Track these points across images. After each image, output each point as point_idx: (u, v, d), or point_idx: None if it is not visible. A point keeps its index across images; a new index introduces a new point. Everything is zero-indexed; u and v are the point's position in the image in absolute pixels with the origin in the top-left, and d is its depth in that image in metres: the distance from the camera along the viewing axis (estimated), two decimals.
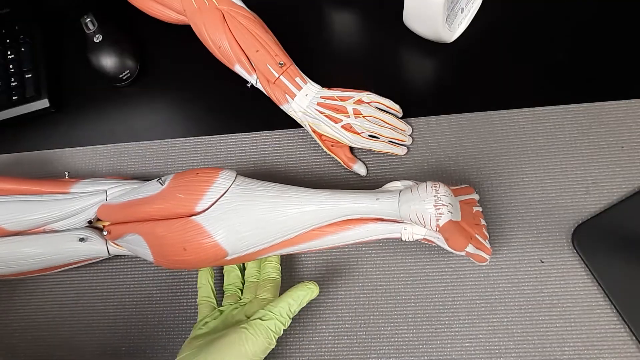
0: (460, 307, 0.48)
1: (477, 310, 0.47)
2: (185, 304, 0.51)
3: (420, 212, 0.41)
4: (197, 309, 0.51)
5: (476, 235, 0.43)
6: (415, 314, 0.48)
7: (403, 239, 0.44)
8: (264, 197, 0.45)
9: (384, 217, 0.44)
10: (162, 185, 0.46)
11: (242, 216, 0.44)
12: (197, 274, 0.52)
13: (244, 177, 0.47)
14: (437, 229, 0.41)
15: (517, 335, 0.46)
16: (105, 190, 0.49)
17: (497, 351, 0.46)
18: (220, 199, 0.45)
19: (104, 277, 0.53)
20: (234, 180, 0.46)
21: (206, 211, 0.44)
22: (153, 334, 0.51)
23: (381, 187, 0.47)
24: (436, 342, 0.47)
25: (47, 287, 0.54)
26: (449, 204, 0.41)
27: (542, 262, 0.48)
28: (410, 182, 0.46)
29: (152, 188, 0.47)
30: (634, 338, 0.44)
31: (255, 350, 0.41)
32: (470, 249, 0.43)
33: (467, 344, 0.47)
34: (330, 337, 0.49)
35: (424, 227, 0.42)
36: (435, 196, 0.41)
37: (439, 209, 0.41)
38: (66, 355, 0.52)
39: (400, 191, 0.43)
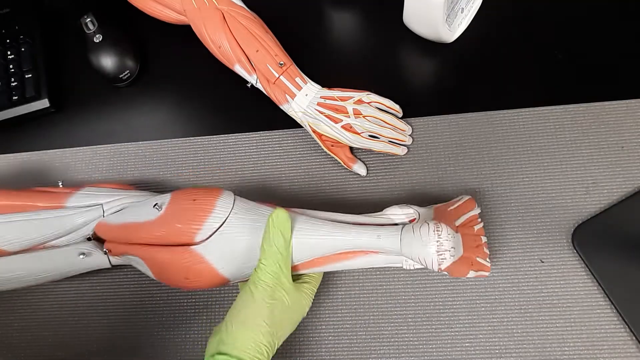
0: (460, 307, 0.48)
1: (477, 310, 0.47)
2: (185, 304, 0.51)
3: (423, 256, 0.41)
4: (196, 309, 0.51)
5: (477, 258, 0.43)
6: (415, 314, 0.48)
7: (404, 267, 0.45)
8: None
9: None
10: (158, 210, 0.45)
11: (243, 247, 0.44)
12: None
13: (243, 202, 0.46)
14: (439, 270, 0.41)
15: (517, 335, 0.46)
16: (102, 205, 0.48)
17: (497, 351, 0.46)
18: (219, 229, 0.44)
19: (104, 277, 0.53)
20: (232, 208, 0.45)
21: (206, 241, 0.44)
22: (153, 334, 0.51)
23: (381, 209, 0.47)
24: (436, 342, 0.47)
25: (48, 288, 0.54)
26: (452, 248, 0.41)
27: (542, 262, 0.48)
28: (410, 210, 0.46)
29: (148, 212, 0.46)
30: (634, 338, 0.44)
31: (261, 291, 0.42)
32: (471, 274, 0.43)
33: (467, 344, 0.47)
34: (330, 337, 0.49)
35: (426, 267, 0.42)
36: (437, 241, 0.41)
37: (441, 254, 0.40)
38: (66, 355, 0.51)
39: (402, 228, 0.43)
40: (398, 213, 0.46)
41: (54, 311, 0.53)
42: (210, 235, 0.44)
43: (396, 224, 0.45)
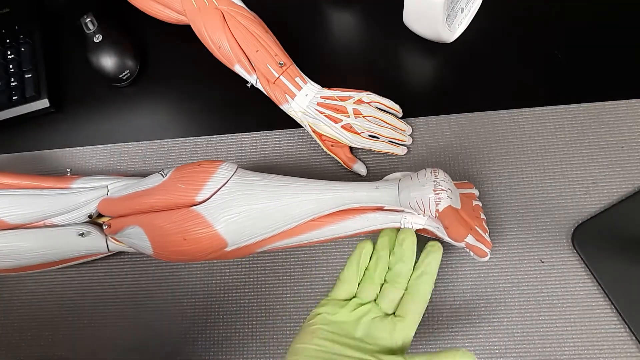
0: (460, 307, 0.48)
1: (477, 310, 0.47)
2: (185, 303, 0.51)
3: (420, 198, 0.41)
4: (196, 309, 0.51)
5: (476, 227, 0.44)
6: None
7: (402, 227, 0.45)
8: (265, 186, 0.45)
9: (384, 206, 0.44)
10: (163, 177, 0.47)
11: (243, 206, 0.44)
12: (195, 273, 0.52)
13: (245, 170, 0.47)
14: (437, 215, 0.41)
15: (517, 335, 0.46)
16: (107, 186, 0.49)
17: (497, 351, 0.46)
18: (220, 189, 0.45)
19: (104, 276, 0.53)
20: (235, 172, 0.46)
21: (207, 201, 0.45)
22: (152, 334, 0.51)
23: (381, 179, 0.47)
24: (436, 342, 0.47)
25: (47, 287, 0.54)
26: (448, 189, 0.42)
27: (542, 262, 0.48)
28: (410, 173, 0.46)
29: (153, 180, 0.47)
30: (634, 338, 0.44)
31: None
32: (470, 240, 0.43)
33: (467, 344, 0.47)
34: None
35: (424, 213, 0.42)
36: (434, 181, 0.41)
37: (438, 193, 0.41)
38: (66, 354, 0.52)
39: (400, 179, 0.44)
40: (397, 175, 0.46)
41: (53, 311, 0.53)
42: (211, 195, 0.44)
43: None
